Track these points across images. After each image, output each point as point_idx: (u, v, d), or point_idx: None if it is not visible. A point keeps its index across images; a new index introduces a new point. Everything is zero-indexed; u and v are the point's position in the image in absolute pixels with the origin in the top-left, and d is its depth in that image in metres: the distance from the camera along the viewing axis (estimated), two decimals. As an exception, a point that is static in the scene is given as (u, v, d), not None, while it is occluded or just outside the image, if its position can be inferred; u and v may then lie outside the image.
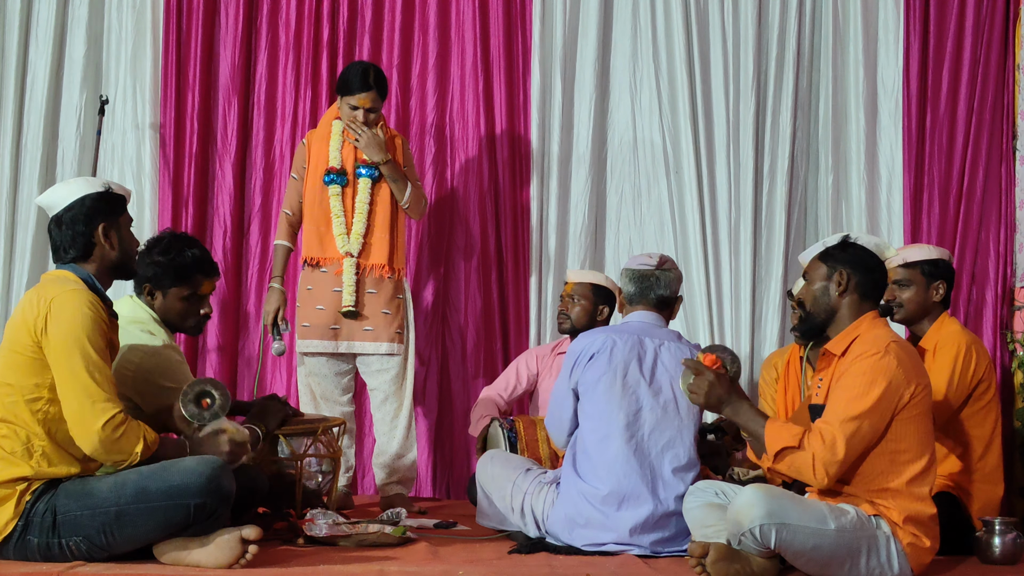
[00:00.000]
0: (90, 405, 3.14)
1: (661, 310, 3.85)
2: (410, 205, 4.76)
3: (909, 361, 3.25)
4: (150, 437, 3.23)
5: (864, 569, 3.18)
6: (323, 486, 4.05)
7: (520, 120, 5.45)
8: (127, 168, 5.45)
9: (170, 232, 3.96)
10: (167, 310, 3.82)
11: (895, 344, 3.25)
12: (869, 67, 5.38)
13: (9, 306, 5.34)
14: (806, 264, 3.46)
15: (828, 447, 3.14)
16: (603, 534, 3.63)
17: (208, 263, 3.89)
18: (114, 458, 3.20)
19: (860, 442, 3.17)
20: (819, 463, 3.15)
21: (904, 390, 3.20)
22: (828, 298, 3.36)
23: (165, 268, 3.78)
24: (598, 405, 3.69)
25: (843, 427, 3.15)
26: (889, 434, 3.21)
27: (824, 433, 3.16)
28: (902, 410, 3.21)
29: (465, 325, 5.42)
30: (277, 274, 4.80)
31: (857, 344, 3.28)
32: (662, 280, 3.84)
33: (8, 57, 5.47)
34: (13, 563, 3.19)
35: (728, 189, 5.39)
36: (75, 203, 3.33)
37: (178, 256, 3.80)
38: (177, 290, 3.81)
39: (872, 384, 3.17)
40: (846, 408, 3.17)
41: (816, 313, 3.38)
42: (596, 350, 3.72)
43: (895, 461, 3.22)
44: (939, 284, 4.07)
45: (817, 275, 3.39)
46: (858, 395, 3.17)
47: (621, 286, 3.90)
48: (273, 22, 5.48)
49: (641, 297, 3.84)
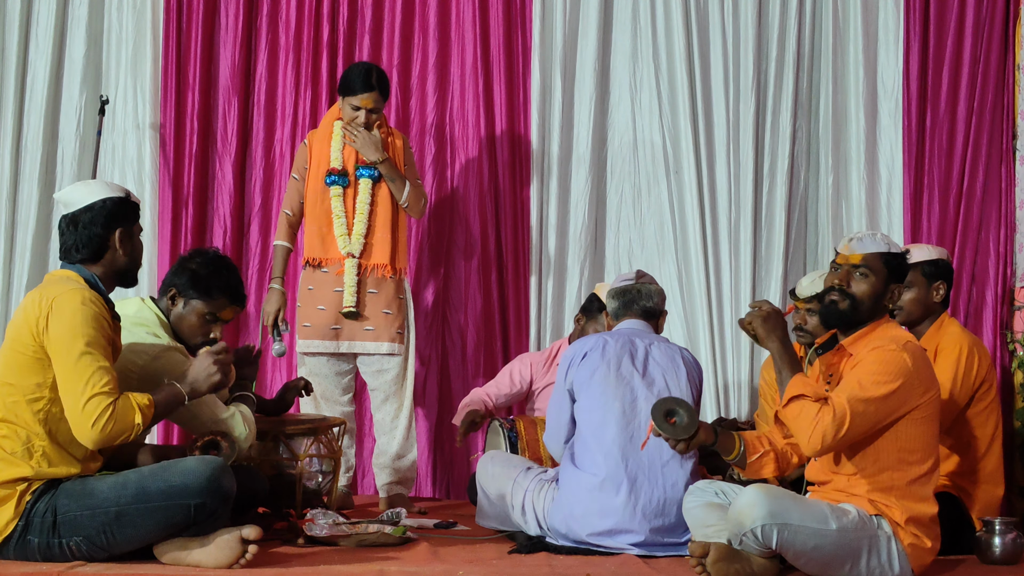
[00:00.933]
0: (82, 406, 3.13)
1: (648, 320, 3.92)
2: (409, 204, 4.76)
3: (923, 363, 3.26)
4: (143, 402, 3.20)
5: (865, 569, 3.18)
6: (323, 486, 4.05)
7: (520, 120, 5.45)
8: (127, 168, 5.44)
9: (216, 250, 3.91)
10: (182, 320, 3.74)
11: (911, 344, 3.27)
12: (869, 67, 5.38)
13: (9, 306, 5.34)
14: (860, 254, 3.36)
15: (837, 419, 3.13)
16: (602, 520, 3.65)
17: (240, 293, 3.82)
18: (120, 441, 3.19)
19: (863, 424, 3.16)
20: (820, 428, 3.13)
21: (918, 388, 3.21)
22: (879, 303, 3.34)
23: (197, 280, 3.71)
24: (593, 397, 3.73)
25: (853, 405, 3.14)
26: (900, 434, 3.21)
27: (836, 405, 3.15)
28: (914, 410, 3.21)
29: (465, 325, 5.42)
30: (277, 275, 4.79)
31: (874, 339, 3.28)
32: (643, 292, 3.93)
33: (8, 57, 5.47)
34: (13, 563, 3.19)
35: (728, 189, 5.39)
36: (95, 204, 3.33)
37: (215, 274, 3.74)
38: (201, 305, 3.72)
39: (890, 374, 3.17)
40: (862, 389, 3.16)
41: (863, 311, 3.33)
42: (588, 349, 3.79)
43: (903, 461, 3.23)
44: (939, 284, 4.07)
45: (879, 276, 3.34)
46: (876, 381, 3.16)
47: (607, 307, 4.00)
48: (273, 22, 5.48)
49: (627, 309, 3.93)
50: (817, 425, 3.14)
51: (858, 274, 3.35)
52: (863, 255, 3.35)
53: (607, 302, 4.00)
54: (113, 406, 3.15)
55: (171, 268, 3.81)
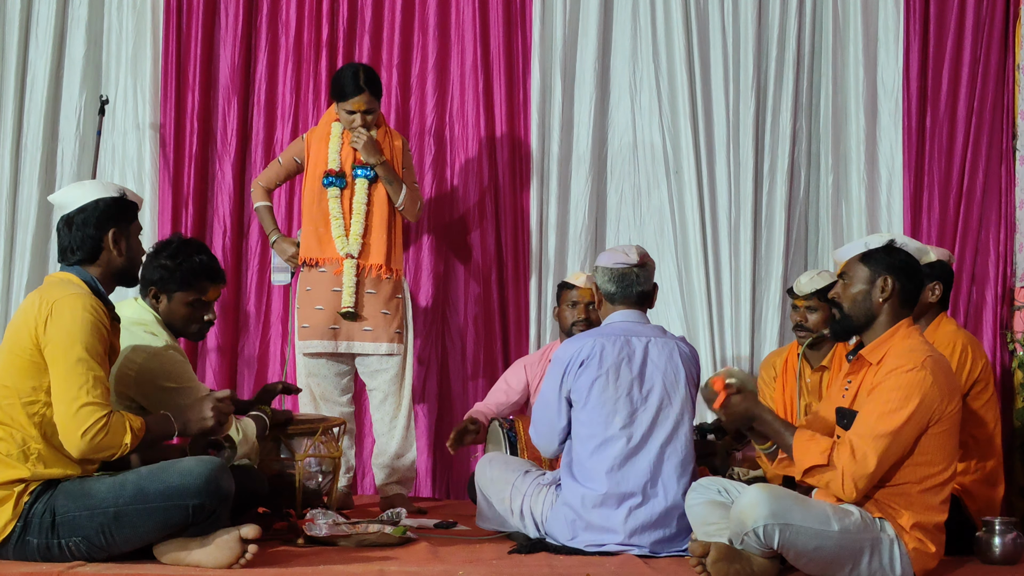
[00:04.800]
0: (74, 412, 3.12)
1: (641, 305, 3.85)
2: (405, 207, 4.76)
3: (944, 377, 3.23)
4: (135, 424, 3.20)
5: (866, 571, 3.18)
6: (323, 486, 4.06)
7: (520, 120, 5.45)
8: (127, 168, 5.45)
9: (178, 236, 3.93)
10: (171, 314, 3.79)
11: (931, 359, 3.21)
12: (869, 67, 5.38)
13: (9, 305, 5.35)
14: (843, 262, 3.39)
15: (860, 462, 3.12)
16: (604, 536, 3.63)
17: (215, 270, 3.85)
18: (103, 456, 3.20)
19: (891, 458, 3.16)
20: (848, 478, 3.14)
21: (937, 406, 3.18)
22: (869, 303, 3.32)
23: (172, 273, 3.74)
24: (592, 410, 3.68)
25: (875, 443, 3.13)
26: (918, 448, 3.20)
27: (856, 448, 3.14)
28: (934, 425, 3.20)
29: (465, 325, 5.42)
30: (273, 227, 4.90)
31: (892, 356, 3.24)
32: (641, 276, 3.83)
33: (8, 57, 5.47)
34: (13, 563, 3.19)
35: (728, 189, 5.39)
36: (88, 205, 3.33)
37: (186, 261, 3.76)
38: (183, 295, 3.76)
39: (907, 400, 3.15)
40: (878, 423, 3.15)
41: (855, 316, 3.34)
42: (586, 356, 3.70)
43: (921, 474, 3.22)
44: (935, 285, 4.07)
45: (858, 277, 3.33)
46: (892, 410, 3.15)
47: (599, 284, 3.86)
48: (273, 22, 5.48)
49: (624, 296, 3.82)
50: (844, 475, 3.14)
51: (843, 283, 3.38)
52: (844, 263, 3.39)
53: (603, 284, 3.84)
54: (107, 419, 3.15)
55: (143, 267, 3.73)
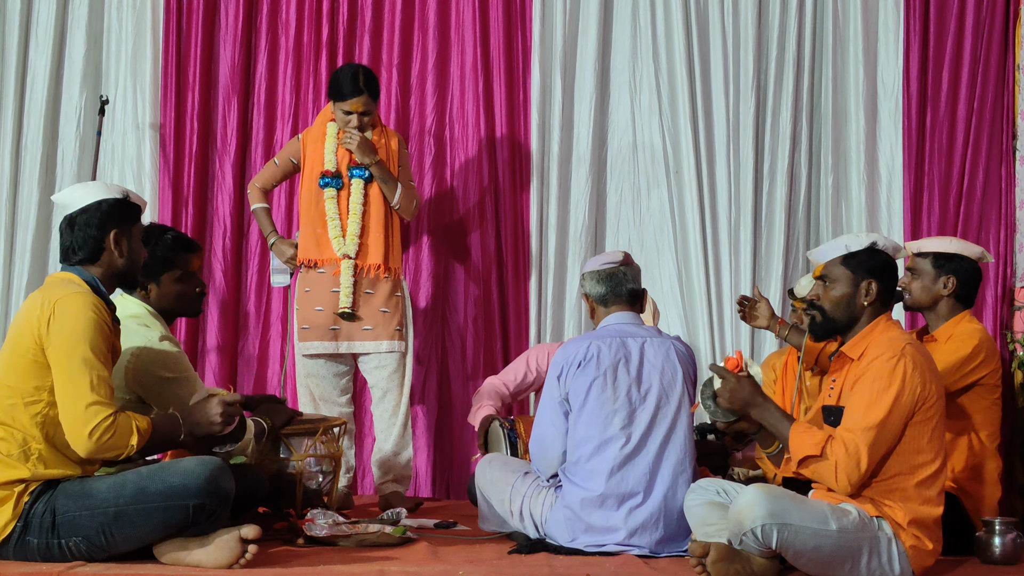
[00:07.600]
0: (81, 411, 3.13)
1: (633, 305, 3.85)
2: (401, 206, 4.76)
3: (924, 364, 3.24)
4: (142, 425, 3.20)
5: (865, 570, 3.18)
6: (323, 486, 4.05)
7: (520, 121, 5.45)
8: (127, 168, 5.45)
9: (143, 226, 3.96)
10: (164, 297, 3.83)
11: (910, 347, 3.24)
12: (869, 67, 5.38)
13: (9, 305, 5.35)
14: (822, 263, 3.39)
15: (851, 456, 3.14)
16: (604, 536, 3.63)
17: (187, 240, 3.95)
18: (109, 456, 3.20)
19: (881, 448, 3.17)
20: (842, 472, 3.15)
21: (921, 391, 3.20)
22: (853, 306, 3.33)
23: (151, 258, 3.76)
24: (591, 412, 3.68)
25: (864, 435, 3.15)
26: (905, 437, 3.21)
27: (847, 442, 3.15)
28: (919, 411, 3.21)
29: (465, 325, 5.42)
30: (271, 230, 4.90)
31: (872, 347, 3.27)
32: (628, 274, 3.83)
33: (8, 57, 5.47)
34: (13, 563, 3.19)
35: (728, 189, 5.39)
36: (91, 206, 3.33)
37: (159, 243, 3.81)
38: (169, 275, 3.82)
39: (888, 388, 3.17)
40: (865, 415, 3.16)
41: (838, 319, 3.35)
42: (583, 357, 3.70)
43: (910, 463, 3.22)
44: (948, 278, 4.07)
45: (841, 280, 3.33)
46: (875, 401, 3.17)
47: (588, 291, 3.85)
48: (273, 22, 5.48)
49: (614, 296, 3.82)
50: (838, 469, 3.15)
51: (824, 285, 3.38)
52: (823, 265, 3.39)
53: (591, 287, 3.84)
54: (114, 418, 3.15)
55: None
